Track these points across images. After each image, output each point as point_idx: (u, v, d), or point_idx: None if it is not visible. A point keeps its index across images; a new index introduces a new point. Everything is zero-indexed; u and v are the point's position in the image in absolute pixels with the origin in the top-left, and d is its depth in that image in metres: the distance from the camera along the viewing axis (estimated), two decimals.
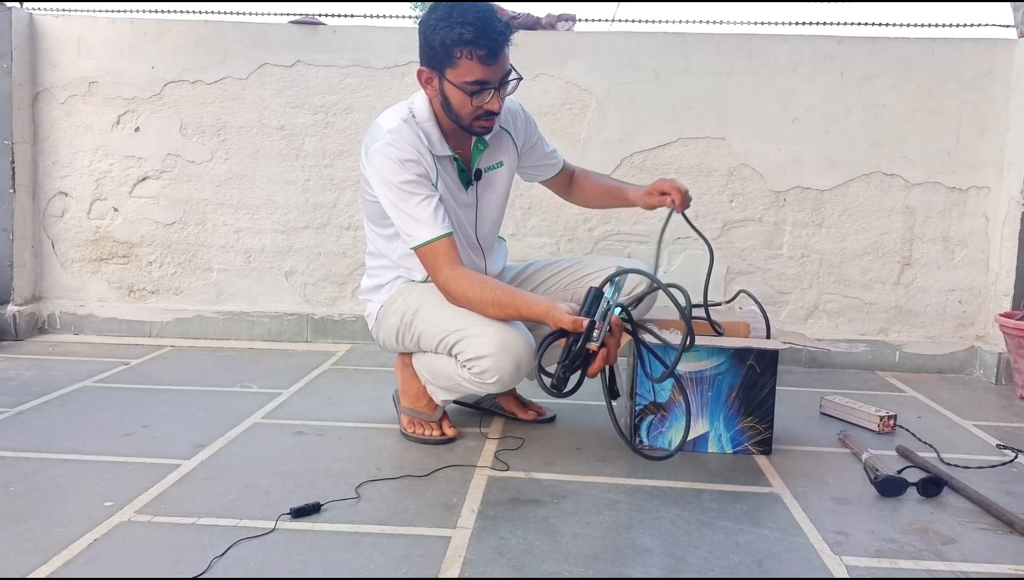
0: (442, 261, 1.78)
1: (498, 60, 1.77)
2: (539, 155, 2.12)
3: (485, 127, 1.86)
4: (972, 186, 2.92)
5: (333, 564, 1.34)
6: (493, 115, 1.83)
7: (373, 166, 1.82)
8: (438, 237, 1.78)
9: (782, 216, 2.98)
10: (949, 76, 2.89)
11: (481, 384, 1.81)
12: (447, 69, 1.78)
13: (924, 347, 2.96)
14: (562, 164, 2.18)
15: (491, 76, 1.77)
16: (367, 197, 1.94)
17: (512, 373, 1.77)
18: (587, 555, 1.39)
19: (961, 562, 1.41)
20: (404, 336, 1.93)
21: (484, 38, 1.73)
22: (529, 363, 1.77)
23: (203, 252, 3.13)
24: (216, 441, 1.94)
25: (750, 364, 1.91)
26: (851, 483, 1.78)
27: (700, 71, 2.94)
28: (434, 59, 1.80)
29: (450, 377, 1.87)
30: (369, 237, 2.04)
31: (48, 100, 3.11)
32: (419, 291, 1.91)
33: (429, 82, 1.84)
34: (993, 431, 2.22)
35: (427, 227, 1.78)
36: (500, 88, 1.80)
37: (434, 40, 1.77)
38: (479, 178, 1.98)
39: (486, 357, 1.75)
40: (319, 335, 3.11)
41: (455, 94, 1.79)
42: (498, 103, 1.81)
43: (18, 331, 3.04)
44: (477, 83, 1.76)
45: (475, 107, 1.80)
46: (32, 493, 1.60)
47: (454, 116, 1.83)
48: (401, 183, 1.78)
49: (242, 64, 3.04)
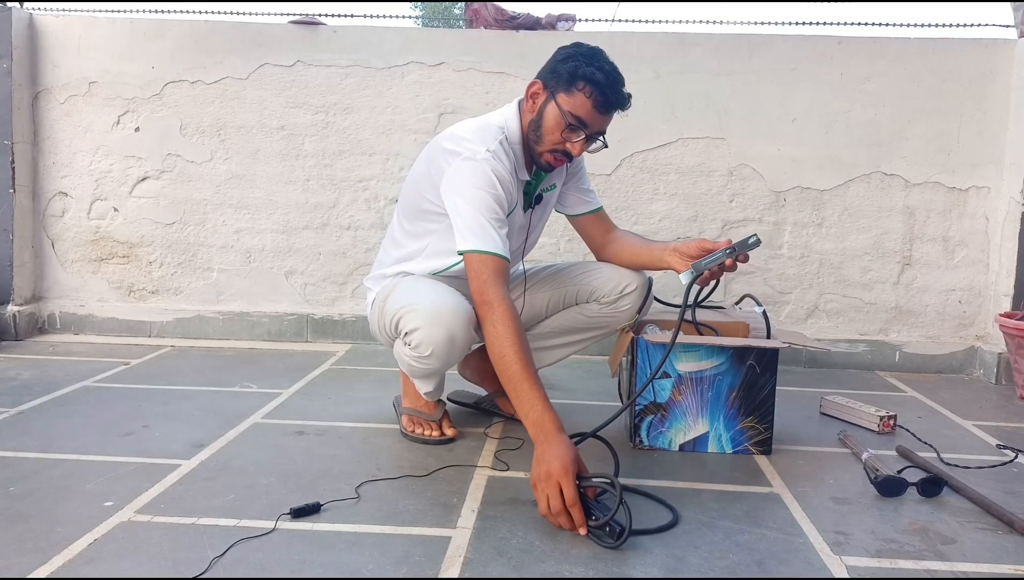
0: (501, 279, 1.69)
1: (607, 113, 1.79)
2: (576, 185, 2.07)
3: (551, 164, 1.85)
4: (972, 186, 2.93)
5: (333, 564, 1.34)
6: (567, 157, 1.83)
7: (462, 172, 1.76)
8: (500, 255, 1.70)
9: (782, 216, 2.98)
10: (949, 76, 2.89)
11: (419, 358, 1.82)
12: (561, 93, 1.78)
13: (924, 347, 2.96)
14: (597, 206, 2.09)
15: (592, 122, 1.78)
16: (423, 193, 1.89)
17: (445, 344, 1.76)
18: (587, 555, 1.39)
19: (961, 562, 1.41)
20: (381, 323, 1.96)
21: (610, 89, 1.76)
22: (464, 335, 1.76)
23: (203, 252, 3.13)
24: (216, 441, 1.94)
25: (750, 364, 1.91)
26: (851, 483, 1.78)
27: (700, 71, 2.94)
28: (555, 79, 1.79)
29: (402, 358, 1.90)
30: (398, 234, 2.02)
31: (48, 100, 3.11)
32: (401, 282, 1.93)
33: (535, 96, 1.83)
34: (993, 431, 2.22)
35: (495, 243, 1.71)
36: (589, 140, 1.80)
37: (566, 65, 1.78)
38: (539, 202, 1.98)
39: (419, 329, 1.77)
40: (319, 335, 3.11)
41: (553, 118, 1.79)
42: (580, 149, 1.81)
43: (18, 331, 3.04)
44: (578, 120, 1.77)
45: (562, 139, 1.79)
46: (32, 493, 1.60)
47: (536, 137, 1.83)
48: (490, 193, 1.74)
49: (242, 64, 3.04)
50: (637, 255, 1.99)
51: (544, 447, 1.52)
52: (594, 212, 2.08)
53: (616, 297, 1.97)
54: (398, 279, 1.97)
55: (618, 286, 1.97)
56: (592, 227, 2.09)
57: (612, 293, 1.98)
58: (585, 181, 2.09)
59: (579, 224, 2.11)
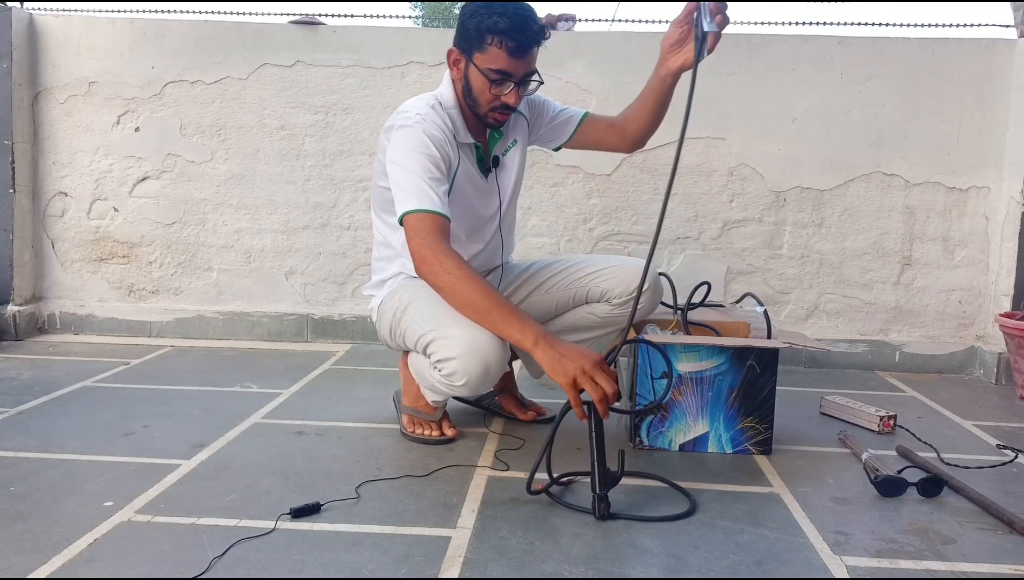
0: (440, 234, 1.71)
1: (525, 56, 1.79)
2: (550, 117, 2.07)
3: (498, 120, 1.87)
4: (972, 186, 2.93)
5: (333, 564, 1.34)
6: (508, 109, 1.84)
7: (396, 141, 1.80)
8: (438, 212, 1.72)
9: (782, 216, 2.98)
10: (949, 76, 2.89)
11: (450, 386, 1.80)
12: (476, 53, 1.80)
13: (924, 347, 2.96)
14: (581, 114, 2.08)
15: (515, 69, 1.79)
16: (379, 184, 1.94)
17: (480, 377, 1.74)
18: (587, 555, 1.39)
19: (961, 562, 1.41)
20: (395, 332, 1.94)
21: (517, 31, 1.76)
22: (499, 367, 1.75)
23: (203, 252, 3.13)
24: (216, 441, 1.94)
25: (750, 364, 1.91)
26: (851, 483, 1.78)
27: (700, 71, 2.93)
28: (466, 41, 1.82)
29: (425, 377, 1.87)
30: (377, 227, 2.04)
31: (48, 100, 3.11)
32: (414, 288, 1.90)
33: (456, 64, 1.86)
34: (993, 431, 2.22)
35: (436, 200, 1.73)
36: (521, 85, 1.82)
37: (470, 23, 1.79)
38: (497, 165, 1.98)
39: (454, 358, 1.73)
40: (319, 335, 3.11)
41: (478, 79, 1.81)
42: (515, 98, 1.82)
43: (18, 331, 3.04)
44: (500, 73, 1.78)
45: (493, 96, 1.81)
46: (32, 493, 1.60)
47: (472, 102, 1.85)
48: (423, 154, 1.76)
49: (242, 64, 3.04)
50: (647, 101, 1.95)
51: (559, 349, 1.58)
52: (584, 120, 2.08)
53: (627, 298, 1.96)
54: (405, 283, 1.95)
55: (629, 287, 1.95)
56: (594, 132, 2.08)
57: (624, 294, 1.97)
58: (553, 109, 2.07)
59: (582, 139, 2.09)
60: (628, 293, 1.95)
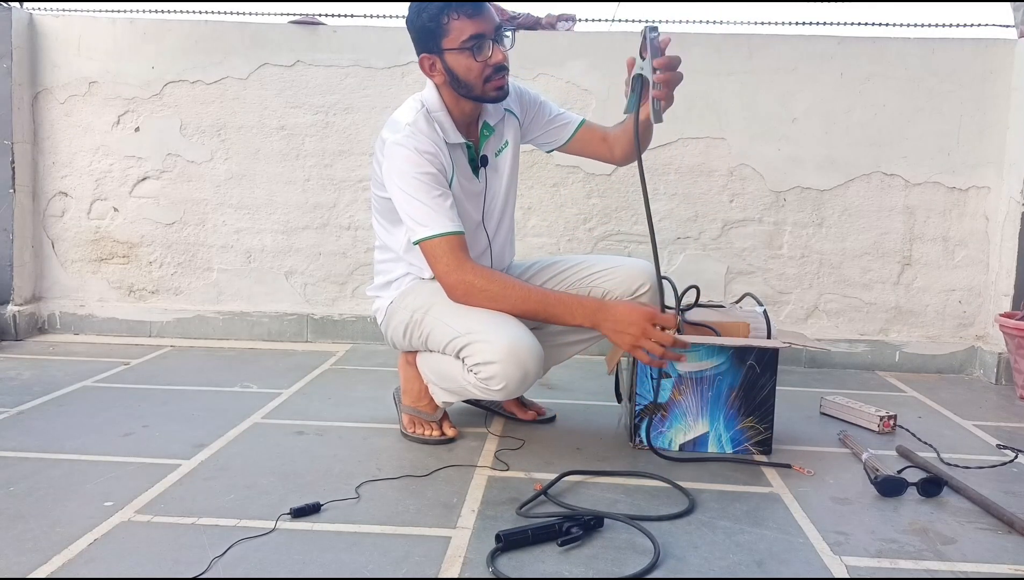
0: (463, 256, 1.78)
1: (484, 12, 1.80)
2: (546, 119, 2.07)
3: (499, 87, 1.86)
4: (972, 186, 2.93)
5: (333, 564, 1.34)
6: (503, 69, 1.84)
7: (391, 158, 1.82)
8: (454, 232, 1.78)
9: (782, 216, 2.98)
10: (949, 76, 2.89)
11: (487, 390, 1.79)
12: (442, 40, 1.80)
13: (924, 347, 2.96)
14: (578, 121, 2.07)
15: (484, 28, 1.79)
16: (377, 193, 1.94)
17: (519, 381, 1.75)
18: (587, 555, 1.39)
19: (961, 562, 1.41)
20: (412, 334, 1.92)
21: None
22: (537, 371, 1.77)
23: (203, 252, 3.13)
24: (216, 441, 1.94)
25: (750, 364, 1.91)
26: (851, 483, 1.78)
27: (700, 71, 2.94)
28: (428, 38, 1.82)
29: (455, 380, 1.86)
30: (377, 232, 2.04)
31: (48, 100, 3.11)
32: (431, 289, 1.89)
33: (433, 68, 1.86)
34: (993, 431, 2.22)
35: (445, 220, 1.78)
36: (497, 41, 1.82)
37: (421, 21, 1.81)
38: (486, 164, 1.97)
39: (493, 363, 1.74)
40: (319, 335, 3.11)
41: (459, 61, 1.81)
42: (501, 54, 1.83)
43: (18, 331, 3.04)
44: (472, 38, 1.79)
45: (481, 64, 1.81)
46: (32, 493, 1.60)
47: (466, 88, 1.84)
48: (421, 174, 1.79)
49: (242, 64, 3.04)
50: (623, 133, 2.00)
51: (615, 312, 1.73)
52: (580, 127, 2.07)
53: (629, 298, 1.96)
54: (419, 284, 1.95)
55: (631, 287, 1.95)
56: (589, 142, 2.07)
57: (625, 294, 1.96)
58: (548, 109, 2.08)
59: (577, 146, 2.09)
60: (629, 293, 1.95)
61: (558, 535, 1.42)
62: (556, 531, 1.42)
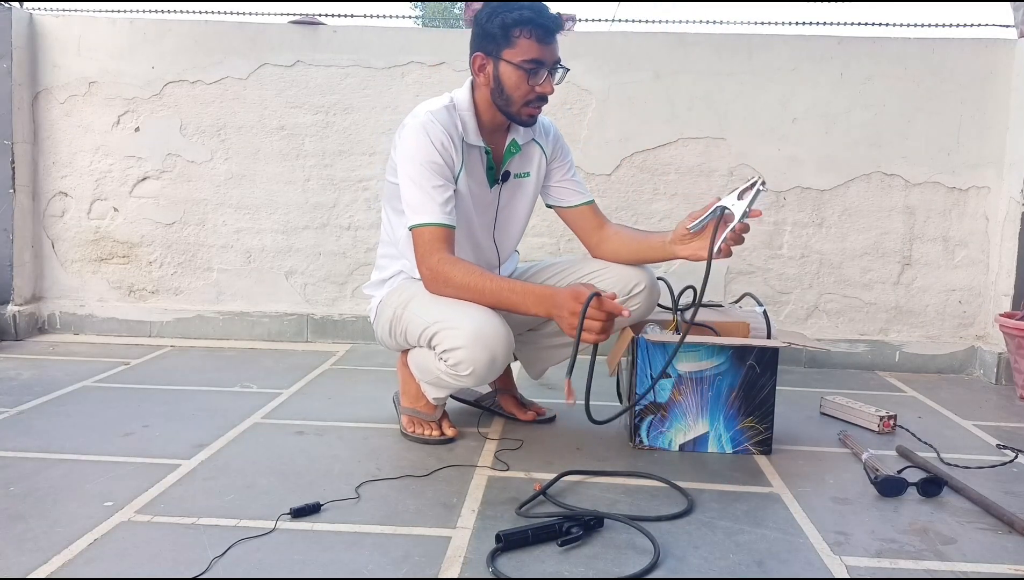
0: (440, 246, 1.79)
1: (553, 43, 1.83)
2: (562, 175, 2.07)
3: (532, 115, 1.88)
4: (972, 186, 2.93)
5: (333, 564, 1.34)
6: (543, 101, 1.87)
7: (404, 140, 1.85)
8: (442, 224, 1.80)
9: (782, 216, 2.98)
10: (949, 76, 2.89)
11: (456, 376, 1.82)
12: (504, 50, 1.82)
13: (924, 347, 2.96)
14: (587, 198, 2.07)
15: (547, 56, 1.82)
16: (389, 178, 1.96)
17: (486, 365, 1.77)
18: (587, 555, 1.39)
19: (961, 562, 1.41)
20: (395, 330, 1.95)
21: (542, 19, 1.80)
22: (506, 356, 1.78)
23: (203, 252, 3.13)
24: (216, 441, 1.94)
25: (750, 364, 1.91)
26: (851, 483, 1.78)
27: (700, 71, 2.94)
28: (491, 42, 1.83)
29: (430, 370, 1.89)
30: (383, 224, 2.05)
31: (48, 100, 3.11)
32: (415, 287, 1.92)
33: (483, 69, 1.87)
34: (993, 431, 2.22)
35: (437, 211, 1.80)
36: (552, 72, 1.84)
37: (492, 23, 1.82)
38: (506, 180, 1.99)
39: (460, 348, 1.76)
40: (319, 335, 3.11)
41: (511, 75, 1.83)
42: (551, 86, 1.85)
43: (18, 331, 3.04)
44: (534, 62, 1.81)
45: (530, 87, 1.83)
46: (32, 493, 1.60)
47: (505, 100, 1.85)
48: (426, 161, 1.81)
49: (242, 64, 3.04)
50: (640, 252, 1.98)
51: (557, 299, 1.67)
52: (587, 204, 2.08)
53: (625, 298, 1.95)
54: (405, 283, 1.97)
55: (627, 286, 1.95)
56: (585, 221, 2.07)
57: (620, 294, 1.96)
58: (571, 170, 2.09)
59: (571, 217, 2.09)
60: (626, 292, 1.95)
61: (558, 535, 1.42)
62: (556, 531, 1.43)
